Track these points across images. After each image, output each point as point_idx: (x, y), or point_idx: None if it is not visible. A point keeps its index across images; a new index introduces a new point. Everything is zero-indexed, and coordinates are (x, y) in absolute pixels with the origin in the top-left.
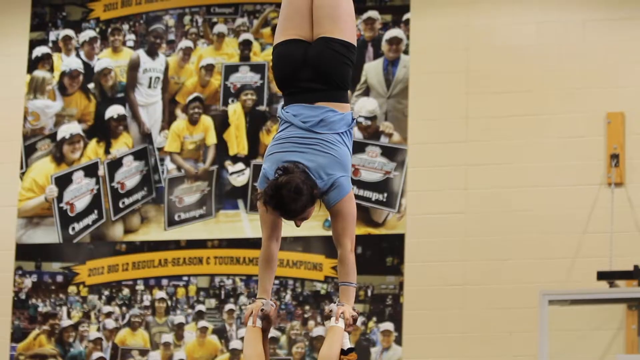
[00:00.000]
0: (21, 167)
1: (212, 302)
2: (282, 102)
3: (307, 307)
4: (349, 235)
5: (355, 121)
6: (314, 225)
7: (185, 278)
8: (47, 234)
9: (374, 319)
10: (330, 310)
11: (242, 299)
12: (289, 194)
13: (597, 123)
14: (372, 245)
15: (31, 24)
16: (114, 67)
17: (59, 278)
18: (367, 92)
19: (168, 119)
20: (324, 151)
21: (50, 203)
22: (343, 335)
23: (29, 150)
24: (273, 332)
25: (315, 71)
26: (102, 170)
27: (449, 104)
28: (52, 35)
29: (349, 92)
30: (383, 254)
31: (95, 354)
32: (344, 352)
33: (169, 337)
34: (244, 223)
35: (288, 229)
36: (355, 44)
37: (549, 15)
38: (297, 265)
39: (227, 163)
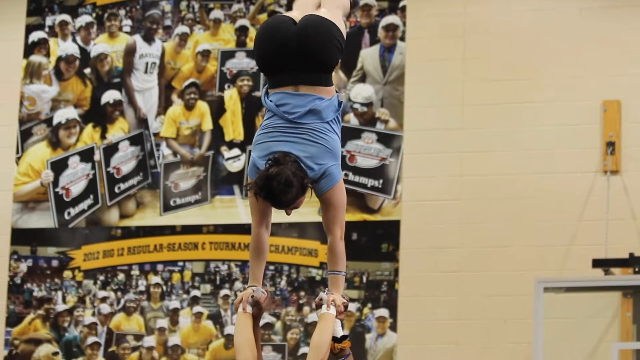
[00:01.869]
0: (17, 152)
1: (207, 288)
2: (265, 87)
3: (302, 293)
4: (339, 223)
5: (342, 104)
6: (309, 211)
7: (181, 263)
8: (43, 219)
9: (369, 305)
10: (320, 299)
11: (237, 285)
12: (280, 186)
13: (593, 111)
14: (367, 231)
15: (28, 9)
16: (110, 52)
17: (54, 263)
18: (363, 79)
19: (164, 104)
20: (313, 140)
21: (46, 188)
22: (335, 322)
23: (25, 135)
24: (268, 318)
25: (302, 44)
26: (97, 155)
27: (445, 91)
28: (49, 20)
29: (345, 80)
30: (378, 241)
31: (90, 338)
32: (337, 340)
33: (164, 322)
34: (240, 209)
35: (284, 215)
36: (345, 36)
37: (545, 2)
38: (292, 251)
39: (223, 149)
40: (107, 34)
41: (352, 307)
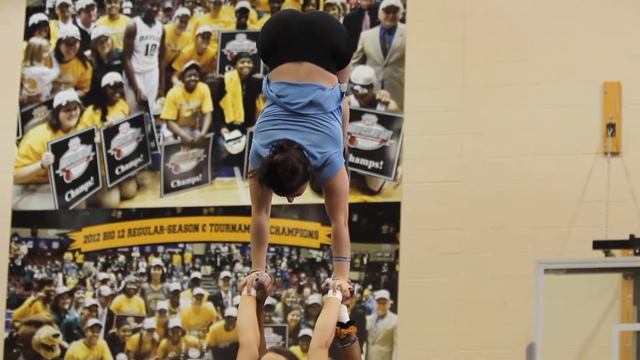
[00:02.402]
0: (17, 134)
1: (208, 269)
2: (266, 76)
3: (302, 275)
4: (342, 210)
5: (344, 95)
6: (310, 193)
7: (181, 245)
8: (43, 201)
9: (370, 286)
10: (327, 284)
11: (238, 266)
12: (285, 173)
13: (594, 93)
14: (367, 213)
15: None
16: (111, 34)
17: (55, 245)
18: (363, 60)
19: (164, 86)
20: (315, 128)
21: (46, 170)
22: (340, 307)
23: (25, 117)
24: (269, 300)
25: (310, 31)
26: (98, 137)
27: (446, 73)
28: (49, 3)
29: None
30: (379, 222)
31: (90, 320)
32: (343, 325)
33: (164, 304)
34: (240, 190)
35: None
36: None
37: None
38: (292, 233)
39: (224, 130)
40: (108, 16)
41: (353, 292)
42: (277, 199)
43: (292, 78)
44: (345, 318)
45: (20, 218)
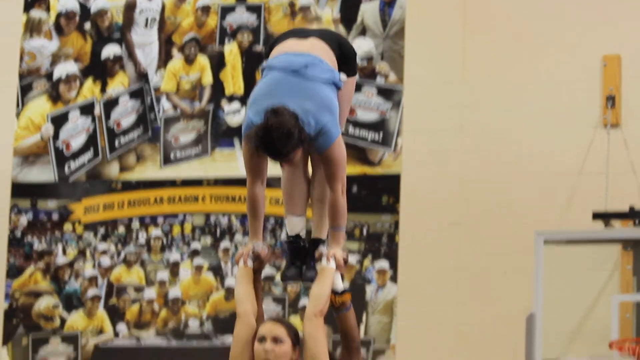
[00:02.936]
0: (17, 106)
1: (208, 240)
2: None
3: None
4: (340, 180)
5: (340, 85)
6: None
7: (181, 216)
8: (43, 172)
9: (369, 257)
10: (321, 253)
11: (238, 237)
12: (280, 137)
13: (593, 65)
14: (367, 184)
15: None
16: (110, 7)
17: (55, 216)
18: (363, 33)
19: (164, 58)
20: (310, 95)
21: (46, 142)
22: (334, 276)
23: (25, 90)
24: (268, 271)
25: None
26: (98, 110)
27: (445, 45)
28: None
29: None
30: (379, 193)
31: (90, 291)
32: (338, 293)
33: (164, 275)
34: (240, 162)
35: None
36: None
37: None
38: None
39: (223, 102)
40: None
41: (353, 259)
42: (273, 170)
43: (293, 49)
44: (340, 286)
45: (20, 189)
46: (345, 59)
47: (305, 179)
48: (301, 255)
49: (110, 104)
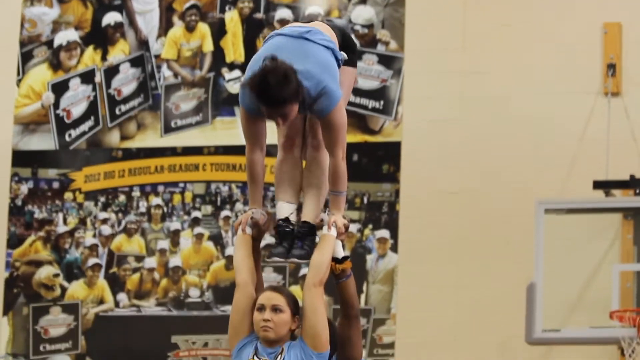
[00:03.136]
0: (18, 74)
1: (208, 209)
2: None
3: None
4: (340, 145)
5: (341, 62)
6: None
7: (182, 185)
8: (44, 141)
9: (370, 226)
10: (321, 220)
11: (238, 206)
12: (277, 80)
13: (594, 33)
14: (368, 152)
15: None
16: None
17: (55, 184)
18: (364, 0)
19: (165, 26)
20: (311, 55)
21: (47, 110)
22: (335, 243)
23: (26, 57)
24: (269, 239)
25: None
26: (98, 77)
27: (446, 12)
28: None
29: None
30: (379, 162)
31: (90, 260)
32: (338, 261)
33: (164, 244)
34: (240, 130)
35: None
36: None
37: None
38: None
39: (224, 70)
40: None
41: (353, 228)
42: (274, 139)
43: (296, 24)
44: (340, 253)
45: (20, 158)
46: (346, 47)
47: (299, 166)
48: (289, 238)
49: (111, 72)
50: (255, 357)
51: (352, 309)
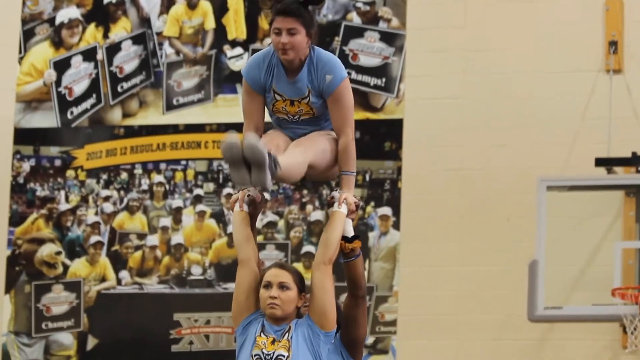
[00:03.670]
0: (20, 52)
1: (210, 186)
2: None
3: (305, 192)
4: (350, 124)
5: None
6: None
7: (184, 162)
8: (46, 118)
9: (372, 203)
10: (332, 197)
11: None
12: (297, 2)
13: (595, 10)
14: (370, 130)
15: None
16: None
17: (57, 162)
18: None
19: (167, 3)
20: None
21: (49, 87)
22: (345, 221)
23: (28, 35)
24: (271, 217)
25: None
26: (100, 55)
27: None
28: None
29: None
30: (381, 139)
31: (93, 237)
32: (348, 240)
33: (166, 221)
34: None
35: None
36: None
37: None
38: None
39: (226, 47)
40: None
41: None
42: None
43: None
44: (350, 232)
45: (22, 135)
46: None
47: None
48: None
49: (113, 50)
50: (262, 334)
51: (359, 289)
